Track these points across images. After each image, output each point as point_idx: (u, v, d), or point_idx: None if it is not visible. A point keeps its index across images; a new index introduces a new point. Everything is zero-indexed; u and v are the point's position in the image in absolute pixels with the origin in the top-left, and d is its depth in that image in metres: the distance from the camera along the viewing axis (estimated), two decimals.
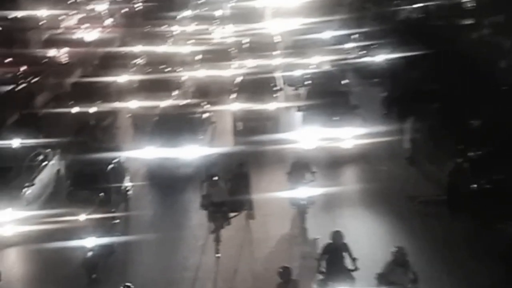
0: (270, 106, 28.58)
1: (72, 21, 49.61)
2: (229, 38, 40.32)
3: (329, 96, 26.84)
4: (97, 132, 26.40)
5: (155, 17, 45.68)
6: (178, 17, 47.14)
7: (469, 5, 39.42)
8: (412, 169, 23.52)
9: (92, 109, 28.62)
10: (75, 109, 28.84)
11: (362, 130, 24.99)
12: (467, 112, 23.73)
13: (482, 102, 23.89)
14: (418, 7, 42.25)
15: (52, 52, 38.88)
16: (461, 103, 24.43)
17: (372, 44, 34.94)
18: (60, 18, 49.97)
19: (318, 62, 34.16)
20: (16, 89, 31.53)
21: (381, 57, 33.25)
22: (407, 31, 36.48)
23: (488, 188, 19.31)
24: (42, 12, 49.12)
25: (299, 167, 19.94)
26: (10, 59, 36.66)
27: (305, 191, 19.56)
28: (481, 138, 21.59)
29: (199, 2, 52.90)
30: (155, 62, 35.45)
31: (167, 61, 35.55)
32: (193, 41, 39.74)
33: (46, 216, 19.87)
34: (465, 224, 19.14)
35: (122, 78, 33.75)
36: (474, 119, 23.20)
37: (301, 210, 19.76)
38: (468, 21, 36.15)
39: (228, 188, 19.40)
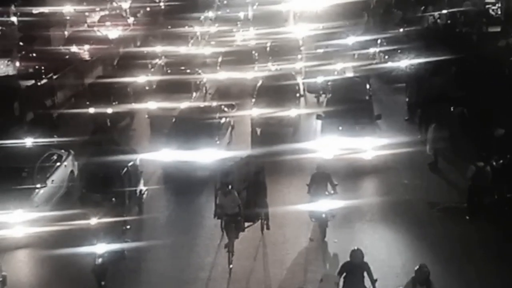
0: (291, 112, 27.34)
1: (95, 18, 49.18)
2: (251, 41, 39.51)
3: (351, 104, 25.53)
4: (113, 134, 25.73)
5: (178, 17, 44.78)
6: (201, 17, 46.51)
7: (496, 12, 38.81)
8: (434, 177, 22.81)
9: (109, 110, 28.01)
10: (91, 109, 28.28)
11: (384, 141, 23.86)
12: (491, 119, 23.49)
13: (507, 110, 23.55)
14: (445, 13, 41.84)
15: (73, 49, 38.72)
16: (485, 111, 24.12)
17: (397, 49, 34.23)
18: (85, 14, 49.91)
19: (341, 68, 33.23)
20: (35, 86, 30.86)
21: (405, 62, 32.53)
22: (433, 36, 36.06)
23: (509, 197, 19.02)
24: (68, 8, 49.15)
25: (320, 179, 18.95)
26: (33, 54, 36.70)
27: (326, 204, 18.56)
28: (504, 146, 21.22)
29: (224, 3, 52.46)
30: (175, 63, 34.81)
31: (188, 62, 34.89)
32: (214, 42, 38.97)
33: (57, 218, 19.43)
34: (484, 233, 18.64)
35: (142, 79, 33.05)
36: (497, 127, 22.79)
37: (321, 223, 18.78)
38: (495, 29, 35.54)
39: (243, 197, 18.52)
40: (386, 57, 34.33)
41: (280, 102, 27.34)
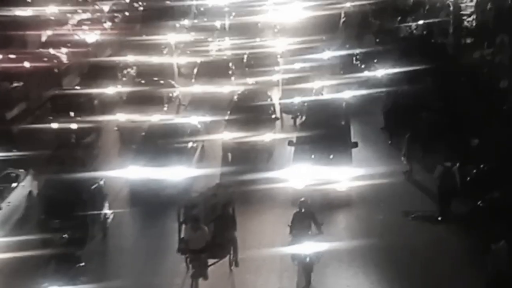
0: (265, 137, 24.79)
1: (72, 21, 45.54)
2: (227, 51, 37.38)
3: (325, 130, 22.75)
4: (78, 151, 23.63)
5: (154, 25, 41.87)
6: (177, 25, 43.43)
7: (471, 24, 38.34)
8: (408, 185, 22.21)
9: (74, 125, 25.69)
10: (55, 124, 25.85)
11: (360, 171, 21.42)
12: (465, 129, 23.09)
13: (481, 120, 23.45)
14: (421, 24, 41.25)
15: (50, 53, 35.48)
16: (460, 120, 23.68)
17: (374, 59, 33.53)
18: (65, 17, 46.07)
19: (318, 87, 30.45)
20: None
21: (381, 72, 31.46)
22: (409, 47, 35.37)
23: (482, 206, 18.80)
24: (50, 9, 45.54)
25: (303, 218, 16.83)
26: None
27: (310, 246, 16.43)
28: (478, 156, 21.20)
29: (201, 10, 49.35)
30: (147, 73, 32.46)
31: (161, 72, 32.69)
32: (190, 52, 36.31)
33: (9, 247, 17.68)
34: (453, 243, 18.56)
35: (111, 90, 30.74)
36: (472, 137, 22.53)
37: (305, 267, 16.63)
38: (470, 40, 35.13)
39: (210, 231, 16.56)
40: (363, 66, 33.64)
41: (254, 125, 24.80)
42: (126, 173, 22.06)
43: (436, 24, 40.87)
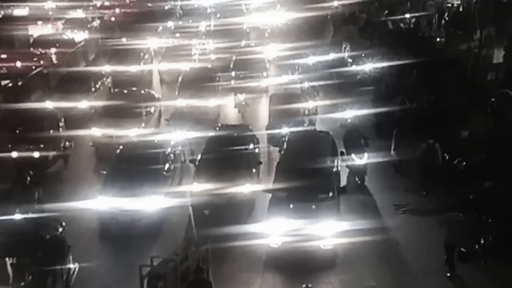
0: (244, 188, 19.02)
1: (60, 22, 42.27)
2: (212, 55, 33.92)
3: (307, 173, 17.96)
4: (38, 184, 19.21)
5: (135, 28, 38.27)
6: (158, 29, 39.81)
7: (458, 17, 38.15)
8: (398, 177, 21.26)
9: (36, 154, 21.30)
10: (14, 153, 21.35)
11: (345, 225, 17.22)
12: (453, 122, 22.50)
13: (469, 113, 23.07)
14: (408, 17, 40.94)
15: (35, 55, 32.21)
16: (447, 113, 23.09)
17: (361, 54, 32.93)
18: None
19: (312, 107, 25.61)
20: None
21: (369, 66, 30.50)
22: (396, 40, 34.72)
23: (472, 198, 18.25)
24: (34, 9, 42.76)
25: None
26: None
27: None
28: (467, 148, 20.86)
29: (187, 9, 46.59)
30: (125, 82, 28.58)
31: (140, 81, 29.33)
32: (172, 57, 32.26)
33: None
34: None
35: (83, 104, 26.45)
36: (460, 129, 22.12)
37: None
38: (457, 33, 34.93)
39: None
40: (350, 60, 33.09)
41: (232, 175, 19.09)
42: (95, 204, 18.48)
43: (423, 18, 40.75)
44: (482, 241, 16.27)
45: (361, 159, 20.79)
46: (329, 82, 29.69)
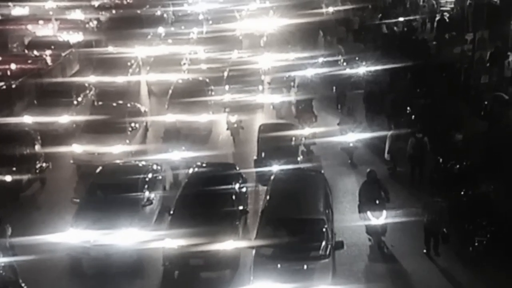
0: (226, 245, 15.83)
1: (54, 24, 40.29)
2: (203, 64, 31.89)
3: (297, 224, 15.45)
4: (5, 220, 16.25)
5: (125, 36, 36.19)
6: (149, 36, 37.74)
7: (451, 20, 38.04)
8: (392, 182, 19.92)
9: (8, 177, 19.16)
10: None
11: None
12: (446, 125, 21.99)
13: (462, 116, 22.91)
14: (402, 20, 40.76)
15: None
16: (441, 116, 22.52)
17: (355, 57, 32.65)
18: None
19: (310, 133, 23.14)
20: None
21: (363, 69, 29.63)
22: (390, 44, 34.37)
23: (464, 201, 17.69)
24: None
25: None
26: None
27: None
28: (461, 152, 20.46)
29: (178, 15, 45.17)
30: (110, 94, 26.62)
31: (125, 93, 27.20)
32: (162, 67, 29.95)
33: None
34: None
35: (64, 119, 24.28)
36: (453, 132, 21.72)
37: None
38: (451, 36, 34.78)
39: None
40: (345, 63, 32.85)
41: (212, 228, 16.06)
42: (65, 238, 16.48)
43: (417, 21, 40.61)
44: (476, 244, 15.92)
45: (378, 219, 16.47)
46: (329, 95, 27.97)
